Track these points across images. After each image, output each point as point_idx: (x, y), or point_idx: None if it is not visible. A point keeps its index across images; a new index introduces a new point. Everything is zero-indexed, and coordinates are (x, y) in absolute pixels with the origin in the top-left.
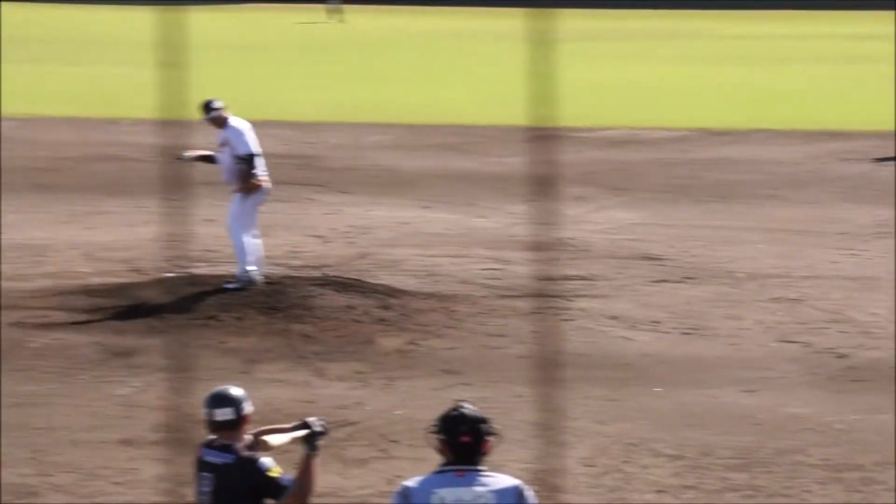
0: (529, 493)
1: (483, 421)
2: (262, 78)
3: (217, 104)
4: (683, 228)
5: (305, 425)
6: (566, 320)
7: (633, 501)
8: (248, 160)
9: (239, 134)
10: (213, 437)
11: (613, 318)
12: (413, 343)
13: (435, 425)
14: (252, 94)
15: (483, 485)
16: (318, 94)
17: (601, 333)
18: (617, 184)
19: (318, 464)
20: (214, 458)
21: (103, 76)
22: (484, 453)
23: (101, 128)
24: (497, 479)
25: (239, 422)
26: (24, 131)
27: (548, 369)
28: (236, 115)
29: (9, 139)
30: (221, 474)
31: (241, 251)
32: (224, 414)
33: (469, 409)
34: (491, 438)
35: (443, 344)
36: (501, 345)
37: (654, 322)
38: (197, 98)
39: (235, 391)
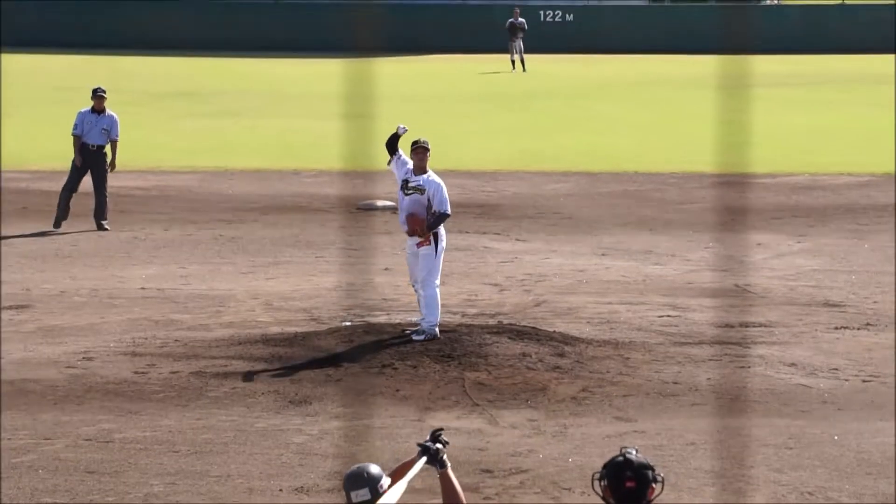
0: None
1: (648, 468)
2: (444, 128)
3: (429, 144)
4: (865, 275)
5: (424, 450)
6: (743, 367)
7: None
8: (442, 218)
9: (440, 189)
10: None
11: (792, 364)
12: (587, 390)
13: (600, 472)
14: (434, 144)
15: None
16: (498, 142)
17: (780, 381)
18: (798, 230)
19: (453, 474)
20: None
21: (287, 128)
22: (649, 501)
23: (285, 179)
24: None
25: (374, 501)
26: (209, 184)
27: (723, 417)
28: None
29: (193, 191)
30: None
31: (434, 305)
32: (360, 496)
33: (634, 455)
34: (656, 486)
35: (617, 391)
36: (676, 392)
37: (834, 369)
38: (380, 148)
39: (372, 469)
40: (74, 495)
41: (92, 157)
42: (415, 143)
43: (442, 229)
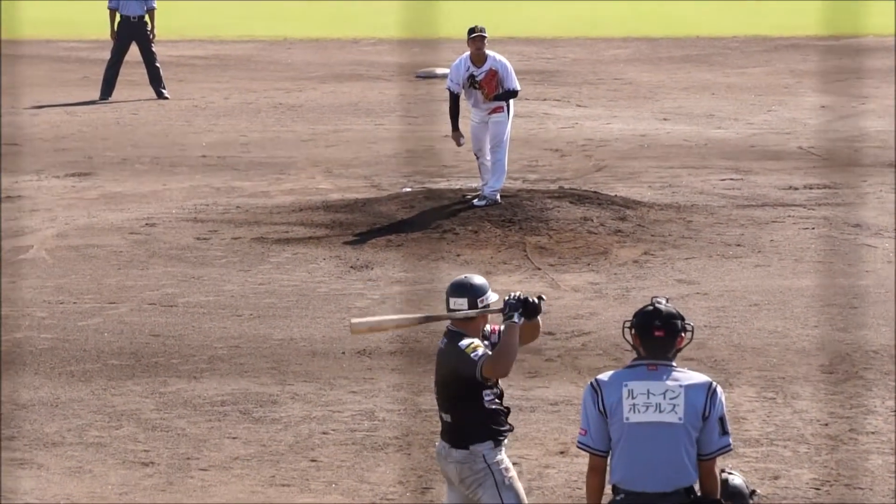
0: (720, 392)
1: (678, 317)
2: None
3: (486, 31)
4: None
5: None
6: (807, 229)
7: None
8: (512, 94)
9: (506, 68)
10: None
11: (857, 225)
12: (649, 253)
13: (630, 320)
14: (491, 12)
15: (674, 379)
16: (557, 8)
17: (844, 241)
18: (861, 92)
19: (516, 331)
20: (441, 343)
21: None
22: (678, 350)
23: (344, 48)
24: (688, 375)
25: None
26: (267, 53)
27: (786, 278)
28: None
29: (252, 60)
30: (440, 357)
31: (502, 171)
32: (458, 304)
33: (664, 305)
34: (685, 335)
35: (679, 254)
36: (739, 254)
37: None
38: (441, 16)
39: (476, 280)
40: (140, 357)
41: (133, 28)
42: (471, 30)
43: (511, 101)
